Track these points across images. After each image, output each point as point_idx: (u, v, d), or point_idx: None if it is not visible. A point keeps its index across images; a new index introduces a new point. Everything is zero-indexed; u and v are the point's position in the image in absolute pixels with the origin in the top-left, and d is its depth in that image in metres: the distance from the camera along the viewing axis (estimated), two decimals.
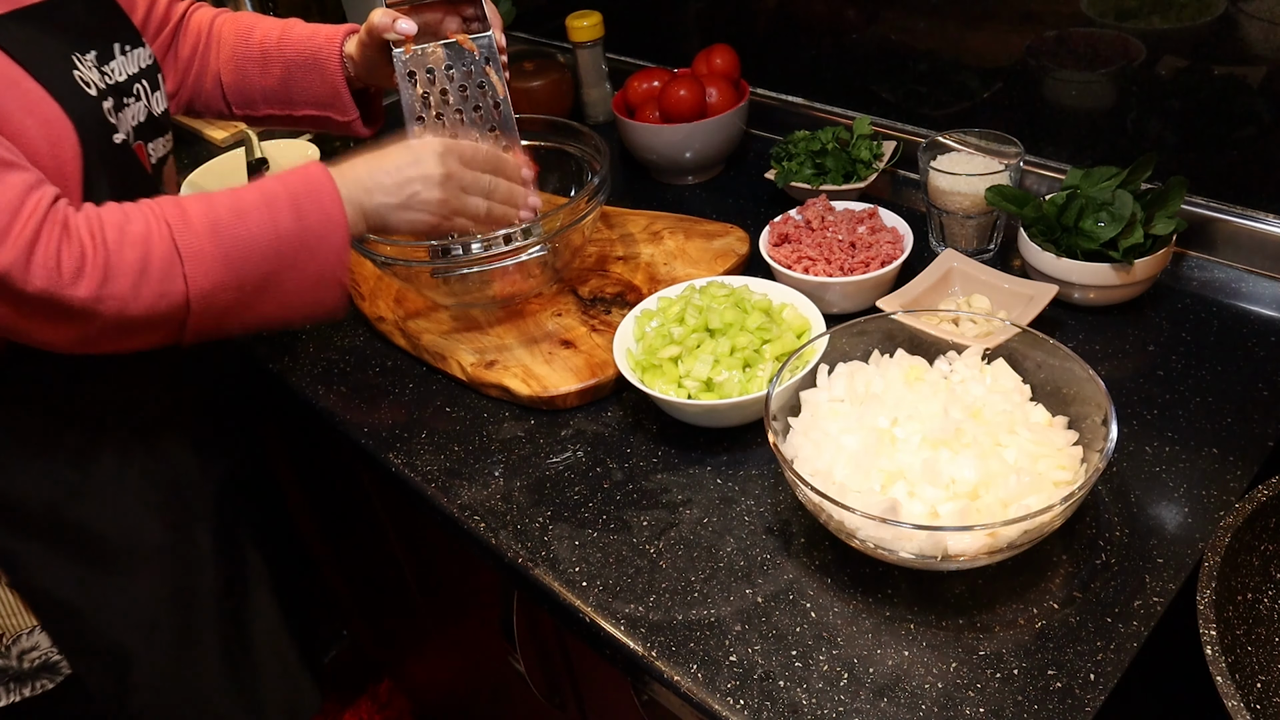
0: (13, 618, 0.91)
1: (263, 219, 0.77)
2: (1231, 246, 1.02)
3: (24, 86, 0.75)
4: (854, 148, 1.21)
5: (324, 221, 0.80)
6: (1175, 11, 0.99)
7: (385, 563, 1.31)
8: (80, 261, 0.70)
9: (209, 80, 1.06)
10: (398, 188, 0.85)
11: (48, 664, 0.93)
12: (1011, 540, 0.68)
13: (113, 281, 0.71)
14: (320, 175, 0.82)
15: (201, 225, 0.75)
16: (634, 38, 1.56)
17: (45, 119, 0.76)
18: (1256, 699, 0.69)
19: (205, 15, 1.07)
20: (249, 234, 0.76)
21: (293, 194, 0.79)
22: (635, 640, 0.74)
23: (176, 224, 0.75)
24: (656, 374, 0.91)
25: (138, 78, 0.89)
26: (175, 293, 0.74)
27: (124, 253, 0.72)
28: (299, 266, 0.79)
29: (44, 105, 0.76)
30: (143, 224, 0.74)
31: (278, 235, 0.77)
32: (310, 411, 1.04)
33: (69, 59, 0.80)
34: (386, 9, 0.95)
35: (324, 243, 0.80)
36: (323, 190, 0.81)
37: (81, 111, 0.79)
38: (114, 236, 0.72)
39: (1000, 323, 0.87)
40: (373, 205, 0.85)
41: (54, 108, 0.77)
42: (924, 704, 0.67)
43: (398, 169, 0.86)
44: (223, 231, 0.76)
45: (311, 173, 0.82)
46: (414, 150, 0.87)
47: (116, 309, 0.72)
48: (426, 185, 0.86)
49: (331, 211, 0.80)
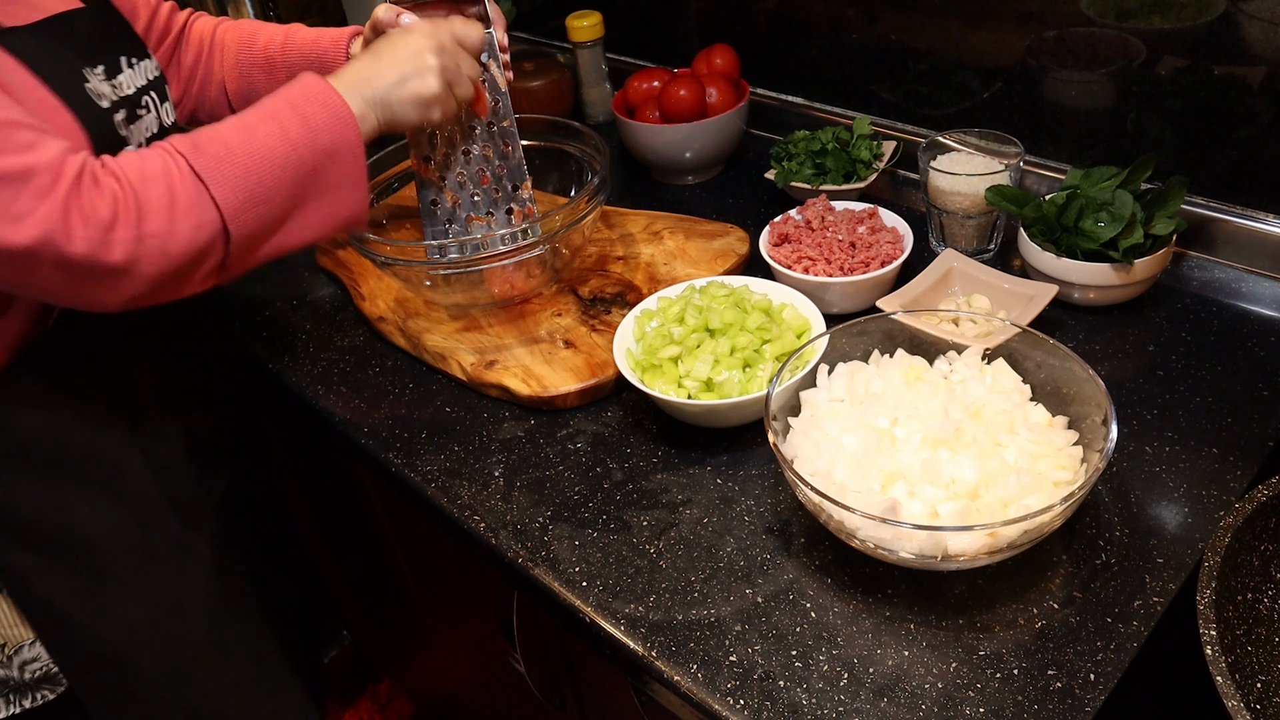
0: (14, 629, 0.90)
1: (270, 129, 0.78)
2: (1231, 246, 1.02)
3: (40, 97, 0.76)
4: (854, 148, 1.21)
5: (331, 119, 0.80)
6: (1175, 11, 0.99)
7: (385, 563, 1.31)
8: (114, 206, 0.71)
9: (213, 89, 1.06)
10: (394, 66, 0.85)
11: (48, 675, 0.93)
12: (1011, 540, 0.68)
13: (147, 219, 0.72)
14: (314, 79, 0.82)
15: (214, 148, 0.76)
16: (634, 38, 1.56)
17: (62, 129, 0.76)
18: (1256, 699, 0.69)
19: (206, 24, 1.07)
20: (262, 145, 0.77)
21: (292, 101, 0.80)
22: (635, 640, 0.74)
23: (190, 152, 0.75)
24: (656, 374, 0.91)
25: (146, 90, 0.89)
26: (209, 220, 0.74)
27: (149, 189, 0.72)
28: (320, 171, 0.79)
29: (60, 116, 0.77)
30: (159, 160, 0.74)
31: (289, 141, 0.78)
32: (310, 411, 1.04)
33: (79, 72, 0.81)
34: (390, 4, 0.95)
35: (337, 139, 0.80)
36: (320, 90, 0.81)
37: (95, 123, 0.80)
38: (136, 177, 0.73)
39: (1000, 323, 0.87)
40: (374, 92, 0.84)
41: (69, 119, 0.77)
42: (924, 704, 0.67)
43: (389, 52, 0.86)
44: (235, 150, 0.76)
45: (306, 79, 0.82)
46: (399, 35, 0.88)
47: (158, 247, 0.72)
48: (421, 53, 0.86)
49: (335, 107, 0.80)
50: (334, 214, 0.82)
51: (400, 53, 0.86)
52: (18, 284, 0.72)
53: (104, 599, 0.92)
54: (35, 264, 0.69)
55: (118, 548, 0.92)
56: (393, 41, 0.87)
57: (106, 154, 0.76)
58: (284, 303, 1.21)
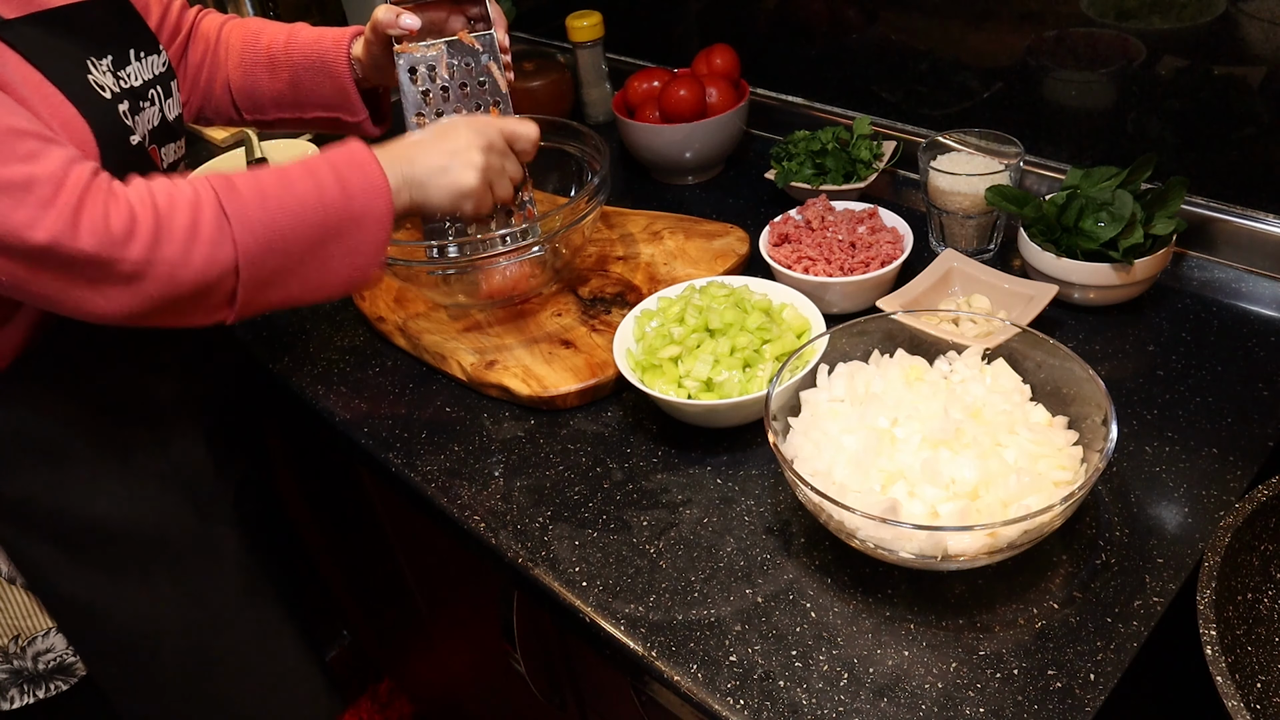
0: (28, 619, 0.91)
1: (308, 187, 0.78)
2: (1231, 246, 1.02)
3: (43, 90, 0.76)
4: (854, 148, 1.21)
5: (368, 189, 0.80)
6: (1175, 11, 0.99)
7: (385, 563, 1.31)
8: (130, 223, 0.71)
9: (219, 86, 1.07)
10: (439, 154, 0.86)
11: (63, 665, 0.93)
12: (1011, 540, 0.68)
13: (164, 244, 0.72)
14: (361, 147, 0.83)
15: (248, 192, 0.76)
16: (634, 38, 1.56)
17: (63, 121, 0.77)
18: (1256, 699, 0.69)
19: (213, 22, 1.07)
20: (295, 200, 0.77)
21: (335, 164, 0.80)
22: (635, 640, 0.74)
23: (223, 190, 0.75)
24: (656, 374, 0.91)
25: (153, 83, 0.89)
26: (224, 258, 0.74)
27: (175, 216, 0.72)
28: (345, 233, 0.80)
29: (62, 108, 0.77)
30: (191, 190, 0.74)
31: (323, 202, 0.78)
32: (310, 411, 1.04)
33: (83, 63, 0.81)
34: (390, 5, 0.95)
35: (369, 209, 0.80)
36: (365, 160, 0.82)
37: (97, 114, 0.80)
38: (164, 201, 0.73)
39: (1000, 323, 0.87)
40: (414, 172, 0.85)
41: (70, 110, 0.77)
42: (924, 704, 0.67)
43: (437, 139, 0.88)
44: (269, 197, 0.76)
45: (353, 146, 0.83)
46: (456, 124, 0.89)
47: (167, 273, 0.72)
48: (468, 149, 0.87)
49: (374, 179, 0.81)
50: (345, 276, 0.82)
51: (450, 142, 0.87)
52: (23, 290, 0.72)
53: (124, 589, 0.93)
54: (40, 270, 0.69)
55: (137, 539, 0.92)
56: (447, 130, 0.88)
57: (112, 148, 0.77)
58: None
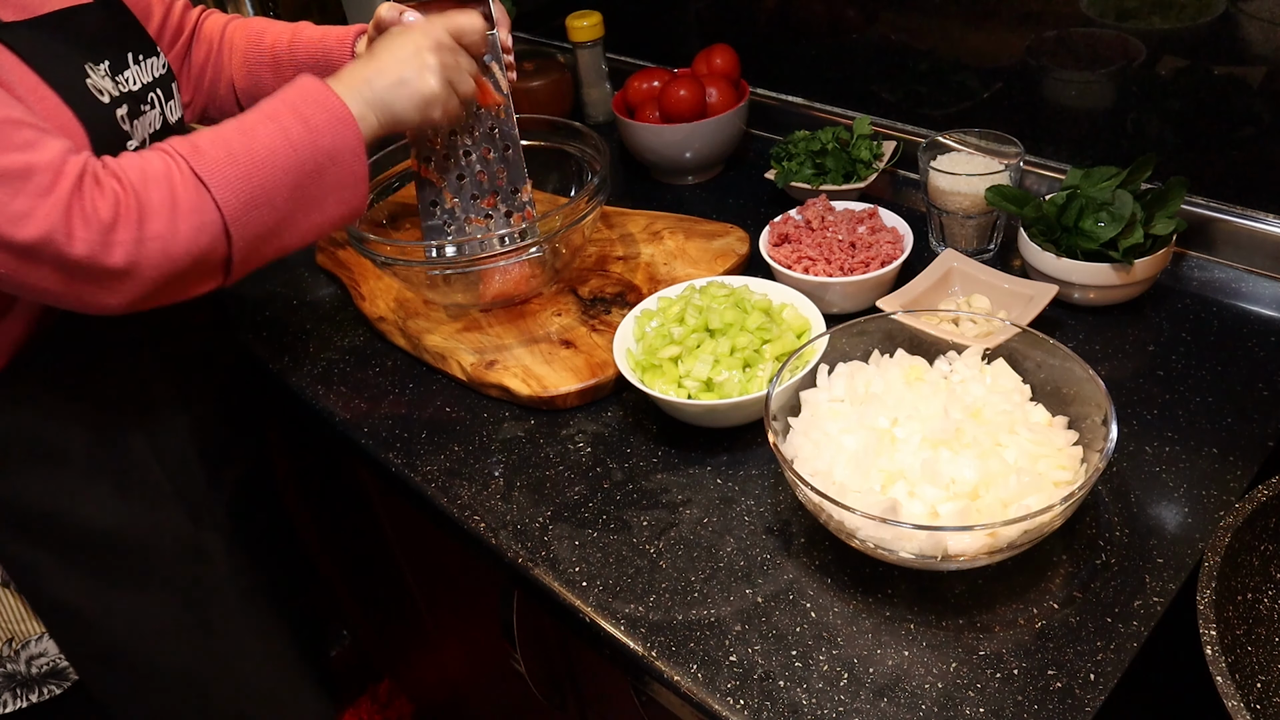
0: (21, 624, 0.91)
1: (271, 131, 0.77)
2: (1231, 246, 1.02)
3: (40, 93, 0.76)
4: (854, 148, 1.21)
5: (331, 120, 0.80)
6: (1175, 11, 0.99)
7: (385, 563, 1.31)
8: (115, 207, 0.70)
9: (223, 87, 1.07)
10: (392, 66, 0.85)
11: (55, 670, 0.93)
12: (1011, 540, 0.68)
13: (149, 221, 0.71)
14: (312, 80, 0.82)
15: (215, 151, 0.75)
16: (634, 38, 1.56)
17: (60, 125, 0.76)
18: (1256, 699, 0.69)
19: (216, 22, 1.07)
20: (263, 148, 0.76)
21: (291, 103, 0.80)
22: (635, 640, 0.74)
23: (190, 154, 0.75)
24: (656, 374, 0.91)
25: (152, 86, 0.89)
26: (211, 221, 0.74)
27: (150, 191, 0.72)
28: (321, 171, 0.79)
29: (59, 112, 0.77)
30: (160, 162, 0.74)
31: (290, 143, 0.77)
32: (310, 411, 1.04)
33: (81, 68, 0.81)
34: (393, 3, 0.95)
35: (338, 141, 0.80)
36: (320, 92, 0.81)
37: (94, 119, 0.79)
38: (137, 178, 0.72)
39: (1000, 323, 0.87)
40: (373, 93, 0.84)
41: (67, 114, 0.77)
42: (924, 704, 0.67)
43: (384, 51, 0.86)
44: (236, 152, 0.76)
45: (304, 81, 0.82)
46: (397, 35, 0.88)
47: (159, 249, 0.72)
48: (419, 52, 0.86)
49: (335, 109, 0.80)
50: (334, 214, 0.82)
51: (399, 53, 0.86)
52: (20, 285, 0.71)
53: (115, 594, 0.92)
54: (36, 264, 0.69)
55: (129, 544, 0.92)
56: (391, 42, 0.87)
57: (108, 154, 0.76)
58: (284, 303, 1.21)
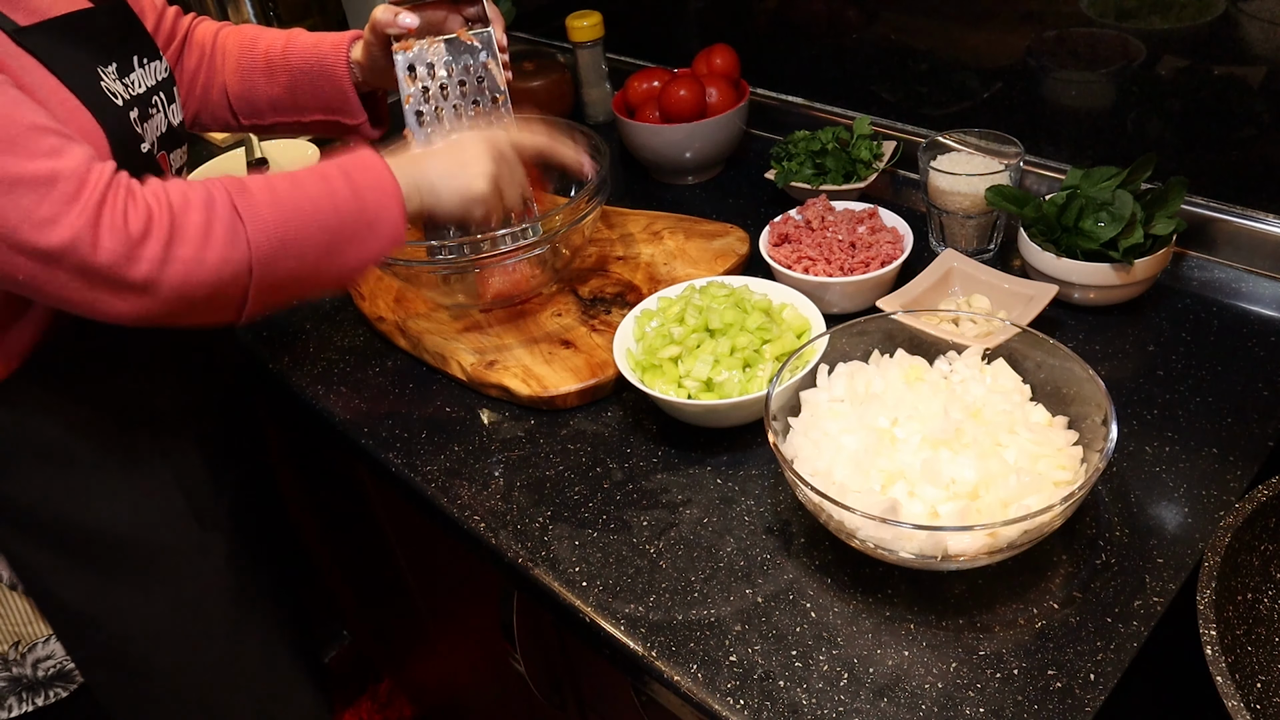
0: (28, 626, 0.91)
1: (319, 188, 0.78)
2: (1231, 246, 1.02)
3: (60, 96, 0.76)
4: (854, 148, 1.21)
5: (379, 193, 0.81)
6: (1175, 11, 0.99)
7: (385, 563, 1.31)
8: (147, 223, 0.71)
9: (215, 92, 1.07)
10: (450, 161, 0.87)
11: (62, 672, 0.93)
12: (1011, 540, 0.68)
13: (178, 244, 0.72)
14: (370, 152, 0.84)
15: (261, 194, 0.76)
16: (634, 38, 1.56)
17: (81, 128, 0.77)
18: (1256, 699, 0.69)
19: (208, 29, 1.07)
20: (307, 201, 0.77)
21: (345, 169, 0.81)
22: (635, 640, 0.74)
23: (236, 191, 0.76)
24: (656, 374, 0.91)
25: (155, 90, 0.89)
26: (238, 258, 0.74)
27: (189, 215, 0.73)
28: (357, 237, 0.80)
29: (79, 115, 0.77)
30: (204, 191, 0.75)
31: (335, 204, 0.78)
32: (310, 412, 1.04)
33: (95, 70, 0.81)
34: (388, 5, 0.95)
35: (381, 213, 0.81)
36: (374, 164, 0.82)
37: (112, 121, 0.80)
38: (178, 201, 0.73)
39: (1000, 323, 0.87)
40: (424, 177, 0.85)
41: (87, 117, 0.78)
42: (924, 704, 0.67)
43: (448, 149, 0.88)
44: (281, 199, 0.76)
45: (361, 151, 0.83)
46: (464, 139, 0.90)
47: (182, 273, 0.72)
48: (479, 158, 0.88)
49: (385, 182, 0.81)
50: (357, 274, 0.83)
51: (460, 153, 0.88)
52: (38, 290, 0.72)
53: (120, 596, 0.93)
54: (58, 269, 0.69)
55: (135, 546, 0.92)
56: (458, 141, 0.89)
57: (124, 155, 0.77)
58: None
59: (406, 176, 0.84)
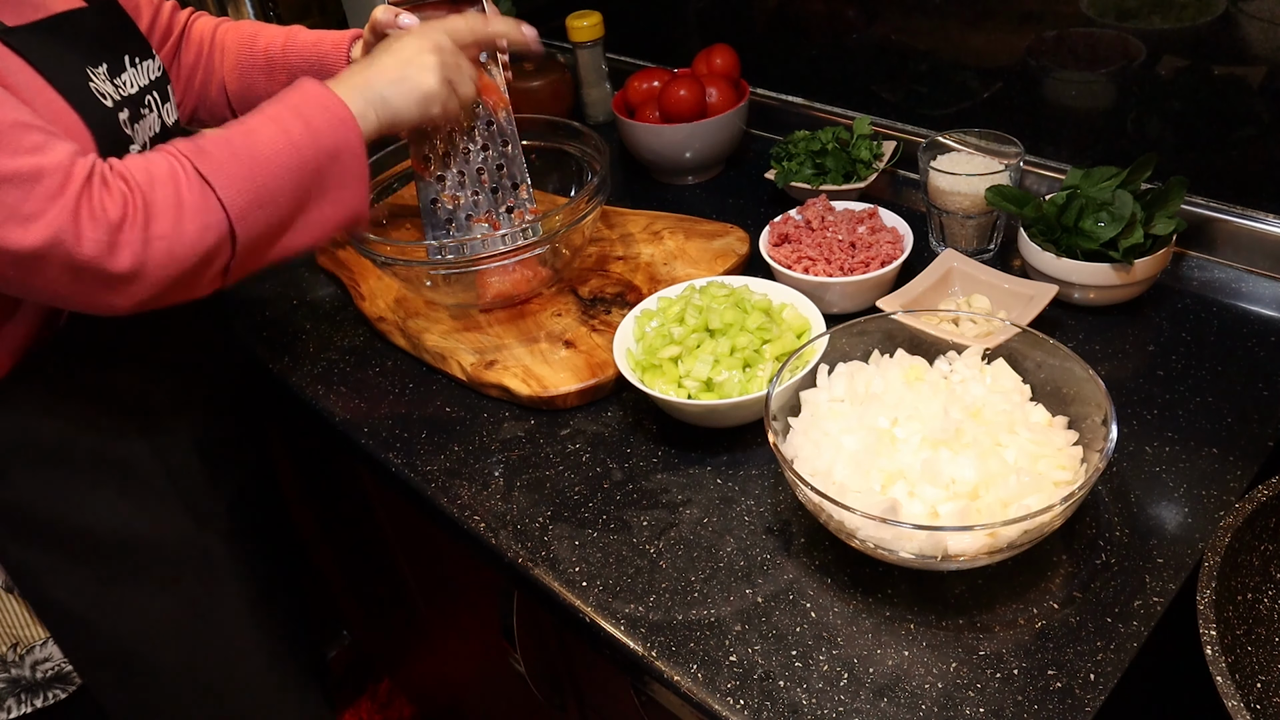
0: (26, 629, 0.90)
1: (274, 133, 0.78)
2: (1231, 246, 1.02)
3: (47, 96, 0.76)
4: (854, 148, 1.21)
5: (332, 120, 0.80)
6: (1175, 11, 0.99)
7: (385, 563, 1.31)
8: (123, 208, 0.71)
9: (214, 89, 1.07)
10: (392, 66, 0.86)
11: (60, 674, 0.93)
12: (1011, 540, 0.68)
13: (154, 221, 0.72)
14: (313, 83, 0.83)
15: (219, 152, 0.76)
16: (634, 38, 1.56)
17: (66, 128, 0.76)
18: (1256, 699, 0.69)
19: (207, 25, 1.07)
20: (267, 148, 0.77)
21: (292, 105, 0.80)
22: (635, 640, 0.74)
23: (194, 155, 0.75)
24: (656, 374, 0.91)
25: (149, 89, 0.89)
26: (216, 222, 0.74)
27: (156, 191, 0.72)
28: (323, 171, 0.80)
29: (65, 116, 0.77)
30: (165, 162, 0.74)
31: (292, 143, 0.78)
32: (310, 411, 1.04)
33: (83, 71, 0.81)
34: (388, 5, 0.95)
35: (339, 140, 0.80)
36: (320, 93, 0.82)
37: (99, 123, 0.79)
38: (143, 179, 0.73)
39: (1000, 323, 0.87)
40: (373, 91, 0.85)
41: (74, 118, 0.77)
42: (924, 704, 0.67)
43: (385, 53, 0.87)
44: (239, 153, 0.76)
45: (305, 84, 0.83)
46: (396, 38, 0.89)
47: (165, 249, 0.72)
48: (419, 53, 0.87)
49: (336, 109, 0.81)
50: (336, 214, 0.82)
51: (399, 54, 0.87)
52: (26, 287, 0.71)
53: (118, 597, 0.92)
54: (44, 266, 0.69)
55: (132, 547, 0.92)
56: (390, 44, 0.88)
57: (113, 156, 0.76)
58: (284, 303, 1.21)
59: (356, 97, 0.83)
